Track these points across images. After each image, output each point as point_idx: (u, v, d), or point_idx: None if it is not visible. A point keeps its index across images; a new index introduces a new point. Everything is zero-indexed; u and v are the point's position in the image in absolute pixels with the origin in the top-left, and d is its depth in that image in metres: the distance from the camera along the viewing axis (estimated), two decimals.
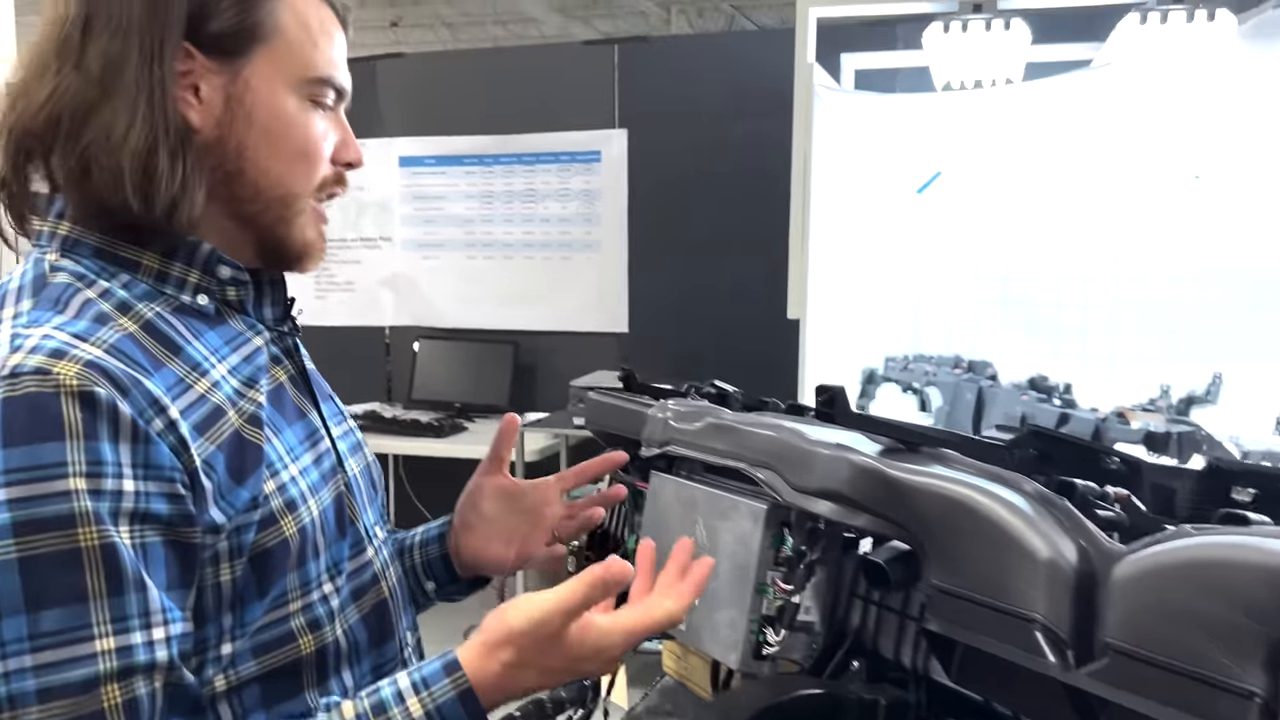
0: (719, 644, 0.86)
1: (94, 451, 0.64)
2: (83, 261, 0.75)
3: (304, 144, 0.80)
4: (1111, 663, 0.59)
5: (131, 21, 0.73)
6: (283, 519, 0.75)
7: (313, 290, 4.51)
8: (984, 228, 2.88)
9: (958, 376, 3.06)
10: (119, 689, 0.62)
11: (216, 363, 0.76)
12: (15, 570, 0.60)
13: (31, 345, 0.66)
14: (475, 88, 4.34)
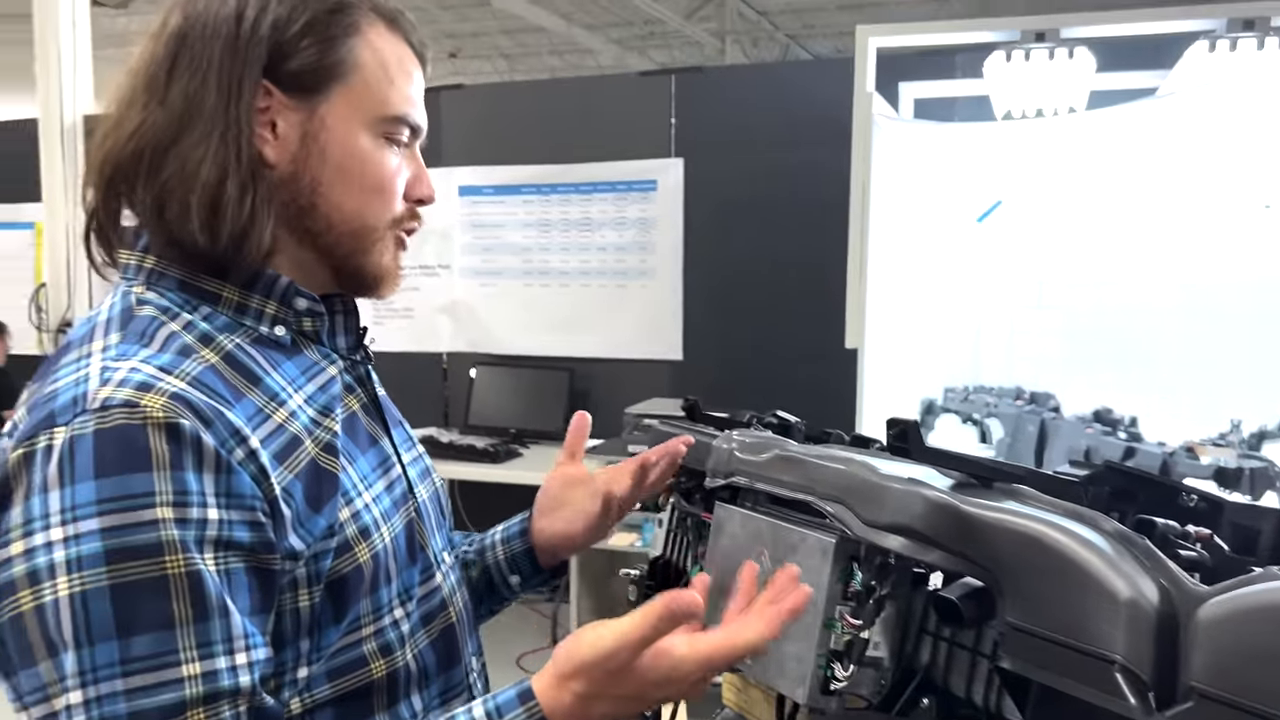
0: (786, 678, 0.85)
1: (180, 481, 0.65)
2: (167, 294, 0.77)
3: (378, 180, 0.82)
4: (1196, 707, 0.58)
5: (213, 61, 0.76)
6: (357, 546, 0.77)
7: (372, 316, 4.56)
8: (1047, 257, 2.84)
9: (1019, 408, 3.02)
10: (204, 712, 0.63)
11: (293, 393, 0.78)
12: (108, 597, 0.62)
13: (120, 378, 0.68)
14: (534, 118, 4.40)
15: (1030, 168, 2.84)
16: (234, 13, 0.77)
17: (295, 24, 0.77)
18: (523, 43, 13.61)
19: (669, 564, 1.14)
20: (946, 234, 2.96)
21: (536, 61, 14.51)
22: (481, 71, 14.78)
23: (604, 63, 13.34)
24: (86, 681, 0.62)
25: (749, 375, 3.90)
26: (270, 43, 0.77)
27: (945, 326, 3.02)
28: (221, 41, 0.76)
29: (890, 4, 11.30)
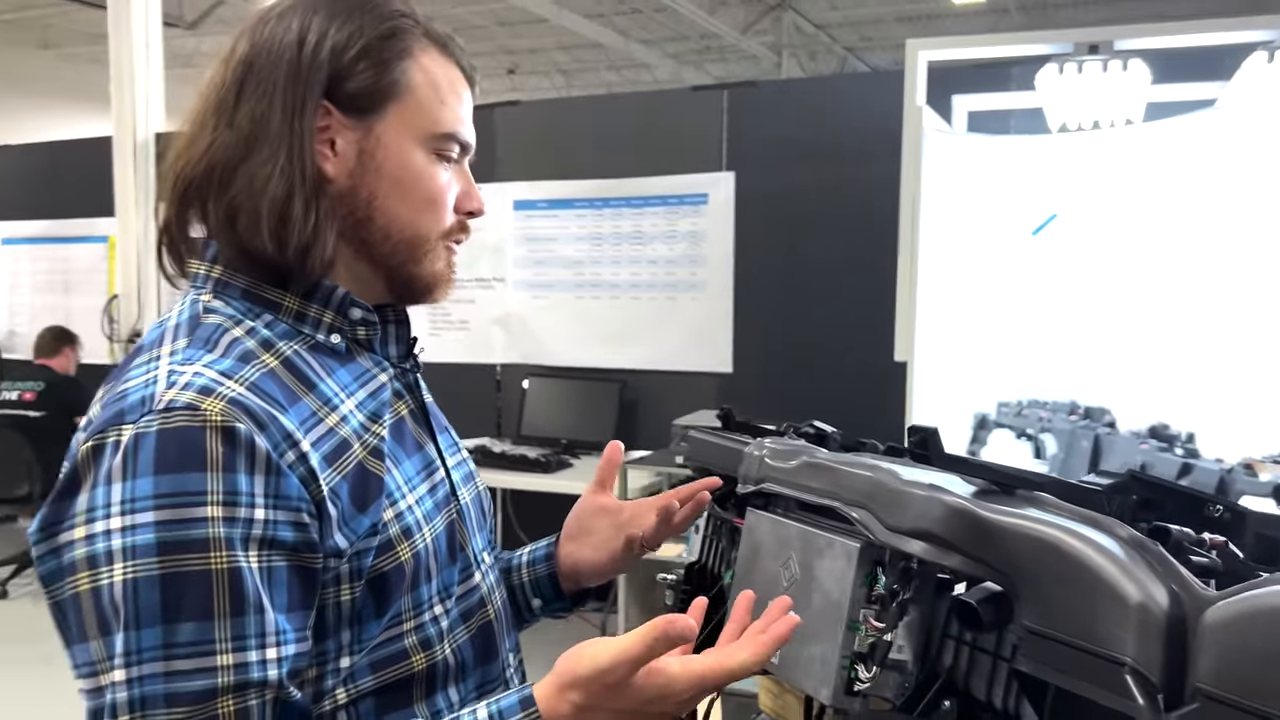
0: (811, 679, 0.87)
1: (231, 482, 0.70)
2: (232, 303, 0.82)
3: (430, 194, 0.86)
4: (1202, 708, 0.59)
5: (277, 85, 0.81)
6: (399, 545, 0.81)
7: (428, 328, 4.68)
8: (1103, 271, 2.81)
9: (1073, 423, 2.99)
10: (233, 700, 0.67)
11: (345, 398, 0.83)
12: (157, 586, 0.67)
13: (184, 382, 0.73)
14: (587, 133, 4.47)
15: (1086, 180, 2.81)
16: (296, 39, 0.82)
17: (352, 49, 0.82)
18: (580, 58, 13.77)
19: (705, 569, 1.17)
20: (1000, 247, 2.94)
21: (593, 77, 14.66)
22: (539, 87, 14.97)
23: (660, 77, 13.43)
24: (131, 661, 0.66)
25: (798, 387, 3.91)
26: (330, 67, 0.82)
27: (999, 340, 3.00)
28: (285, 66, 0.81)
29: (949, 16, 11.23)
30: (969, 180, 2.98)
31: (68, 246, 6.19)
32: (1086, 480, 0.87)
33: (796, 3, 11.21)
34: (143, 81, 4.78)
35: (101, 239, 6.05)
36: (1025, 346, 2.99)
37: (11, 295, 6.51)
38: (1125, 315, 2.83)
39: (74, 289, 6.19)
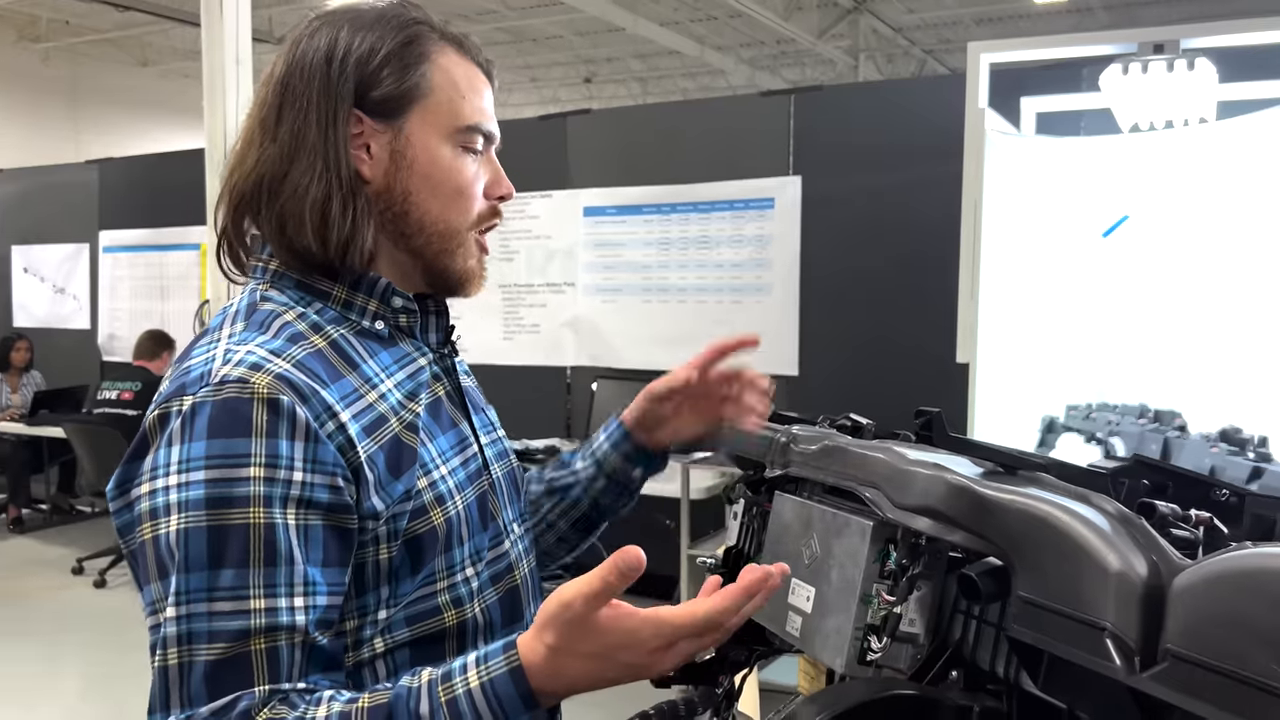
0: (827, 649, 0.92)
1: (273, 447, 0.78)
2: (286, 292, 0.92)
3: (459, 184, 0.94)
4: (1170, 667, 0.63)
5: (311, 100, 0.90)
6: (432, 510, 0.88)
7: (502, 332, 4.80)
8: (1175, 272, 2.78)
9: (1142, 426, 2.95)
10: (264, 640, 0.75)
11: (385, 378, 0.91)
12: (205, 535, 0.76)
13: (238, 359, 0.82)
14: (656, 140, 4.54)
15: (1157, 181, 2.78)
16: (324, 57, 0.91)
17: (375, 59, 0.90)
18: (655, 66, 13.88)
19: (741, 552, 1.22)
20: (1069, 249, 2.92)
21: (669, 84, 14.76)
22: (616, 95, 15.13)
23: (735, 83, 13.47)
24: (181, 600, 0.75)
25: (864, 389, 3.92)
26: (355, 79, 0.90)
27: (1068, 343, 2.98)
28: (316, 83, 0.90)
29: (1028, 16, 11.04)
30: (1035, 182, 2.97)
31: (163, 254, 6.50)
32: (1093, 465, 0.91)
33: (873, 6, 11.14)
34: (233, 95, 4.99)
35: (194, 246, 6.33)
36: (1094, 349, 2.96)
37: (111, 300, 6.85)
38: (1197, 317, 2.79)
39: (169, 294, 6.49)
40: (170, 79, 13.72)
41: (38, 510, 6.64)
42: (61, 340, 7.05)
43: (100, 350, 6.90)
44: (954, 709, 0.82)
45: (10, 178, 7.52)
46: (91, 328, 6.95)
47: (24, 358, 6.74)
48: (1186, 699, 0.62)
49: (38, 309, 7.26)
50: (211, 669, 0.74)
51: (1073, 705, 0.77)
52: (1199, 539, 0.72)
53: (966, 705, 0.82)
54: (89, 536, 6.12)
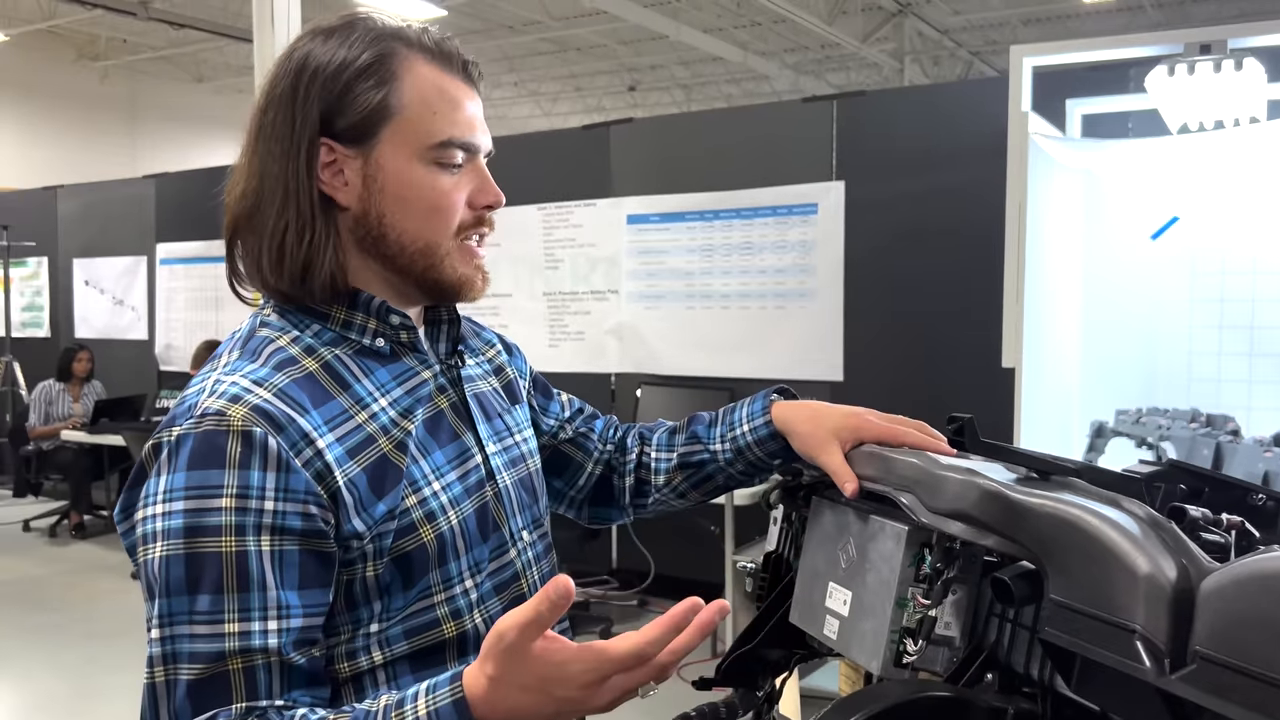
0: (864, 652, 0.94)
1: (245, 479, 0.82)
2: (287, 315, 0.94)
3: (432, 203, 0.93)
4: (1199, 669, 0.64)
5: (277, 130, 0.92)
6: (422, 527, 0.90)
7: (547, 339, 4.85)
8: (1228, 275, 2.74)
9: (1194, 431, 2.91)
10: (240, 661, 0.79)
11: (380, 396, 0.93)
12: (183, 562, 0.80)
13: (220, 391, 0.86)
14: (699, 147, 4.57)
15: (1207, 182, 2.75)
16: (291, 85, 0.91)
17: (340, 82, 0.90)
18: (699, 73, 13.91)
19: (780, 558, 1.24)
20: (1117, 251, 2.89)
21: (713, 90, 14.78)
22: (660, 103, 15.18)
23: (780, 88, 13.45)
24: (165, 623, 0.80)
25: (909, 394, 3.90)
26: (321, 107, 0.90)
27: (1117, 347, 2.95)
28: (284, 115, 0.91)
29: (1078, 16, 10.90)
30: (1082, 185, 2.94)
31: (217, 265, 6.61)
32: (1128, 469, 0.91)
33: (918, 9, 11.07)
34: None
35: None
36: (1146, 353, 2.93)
37: (168, 311, 7.02)
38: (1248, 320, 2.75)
39: (223, 305, 6.64)
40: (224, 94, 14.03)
41: (98, 516, 6.82)
42: (120, 351, 7.25)
43: (157, 360, 7.07)
44: (988, 711, 0.83)
45: (71, 194, 7.74)
46: (149, 338, 7.13)
47: (85, 368, 6.93)
48: (1215, 700, 0.63)
49: (97, 320, 7.47)
50: (193, 687, 0.79)
51: (1106, 708, 0.78)
52: (1230, 543, 0.72)
53: (1001, 707, 0.83)
54: None
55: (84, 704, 3.95)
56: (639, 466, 1.20)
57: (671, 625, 0.72)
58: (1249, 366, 2.79)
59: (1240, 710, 0.61)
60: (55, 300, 7.82)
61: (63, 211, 7.72)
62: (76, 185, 7.84)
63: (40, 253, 7.77)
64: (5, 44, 11.09)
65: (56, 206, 7.75)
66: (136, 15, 10.29)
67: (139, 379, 7.03)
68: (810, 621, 1.05)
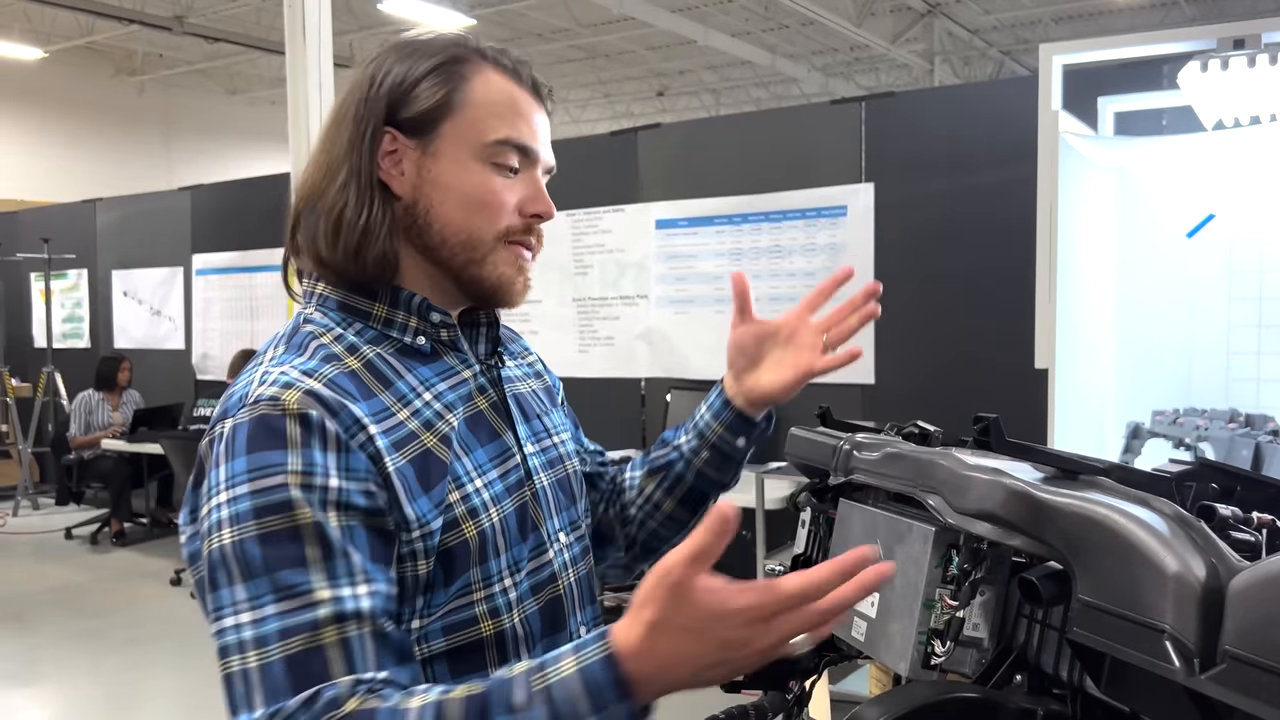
0: (891, 653, 0.94)
1: (308, 457, 0.82)
2: (329, 314, 0.96)
3: (480, 197, 0.95)
4: (1229, 668, 0.64)
5: (346, 118, 0.95)
6: (465, 523, 0.91)
7: (576, 345, 4.87)
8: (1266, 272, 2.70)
9: (1232, 431, 2.87)
10: (335, 630, 0.78)
11: (423, 392, 0.94)
12: (258, 542, 0.80)
13: (271, 380, 0.87)
14: (727, 151, 4.56)
15: (1243, 178, 2.71)
16: (368, 79, 0.95)
17: (410, 78, 0.94)
18: (728, 77, 13.90)
19: (809, 560, 1.24)
20: (1153, 251, 2.86)
21: (741, 94, 14.76)
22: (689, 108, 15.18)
23: (809, 91, 13.41)
24: (248, 607, 0.79)
25: (942, 396, 3.87)
26: (389, 98, 0.94)
27: (1153, 347, 2.91)
28: (355, 102, 0.95)
29: (1110, 13, 10.78)
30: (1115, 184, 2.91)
31: (252, 275, 6.74)
32: (1157, 469, 0.91)
33: (948, 9, 11.00)
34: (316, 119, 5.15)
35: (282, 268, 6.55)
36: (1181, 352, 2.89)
37: (204, 321, 7.12)
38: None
39: (258, 314, 6.73)
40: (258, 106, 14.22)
41: (138, 524, 6.92)
42: (158, 360, 7.35)
43: (194, 369, 7.17)
44: (1017, 712, 0.83)
45: (110, 206, 7.87)
46: (186, 348, 7.24)
47: (128, 377, 7.05)
48: (1246, 700, 0.62)
49: (136, 330, 7.59)
50: (289, 664, 0.76)
51: (1136, 708, 0.77)
52: (1260, 541, 0.72)
53: (1030, 709, 0.83)
54: None
55: (124, 709, 4.00)
56: (618, 490, 1.20)
57: (839, 570, 0.69)
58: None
59: (1271, 710, 0.61)
60: (95, 311, 7.96)
61: (101, 224, 7.85)
62: (115, 198, 7.98)
63: (80, 265, 7.91)
64: (44, 60, 11.31)
65: (95, 219, 7.88)
66: (172, 30, 10.46)
67: (177, 388, 7.13)
68: (838, 624, 1.04)
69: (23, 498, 7.67)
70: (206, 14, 10.64)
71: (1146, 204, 2.86)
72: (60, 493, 7.31)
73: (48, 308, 7.78)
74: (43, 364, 7.61)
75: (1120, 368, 2.94)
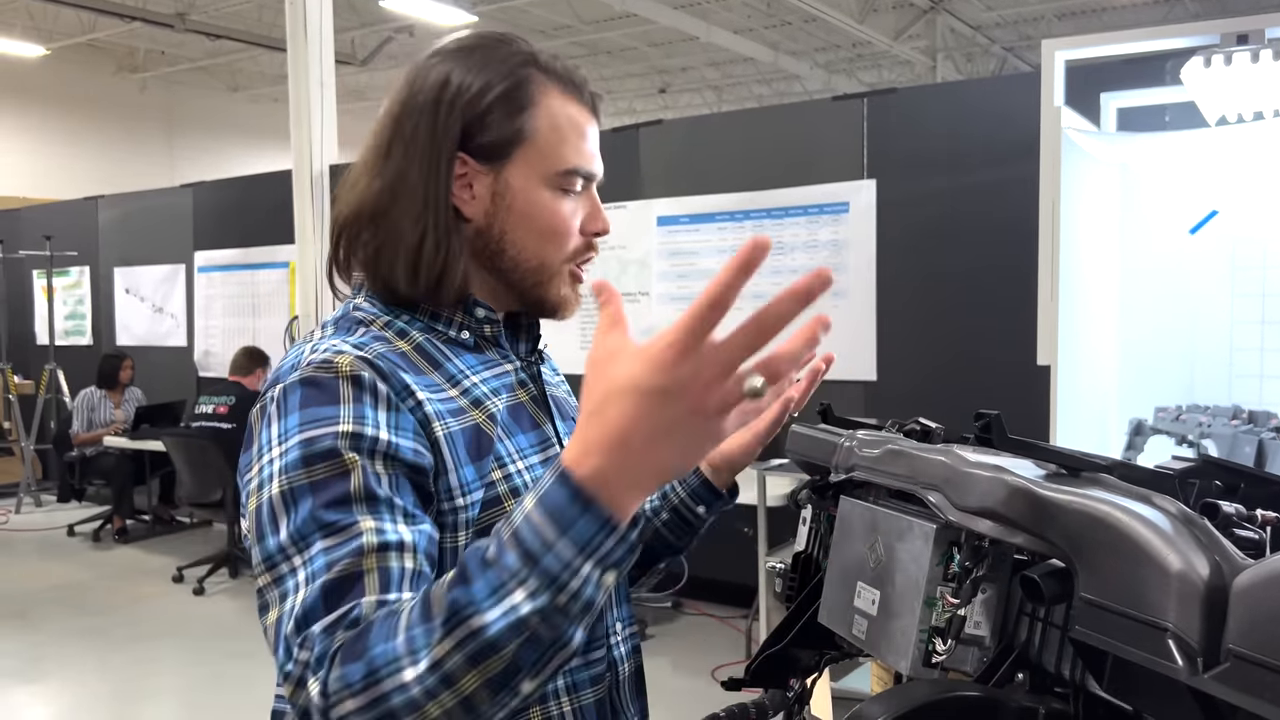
0: (892, 651, 0.93)
1: (359, 410, 0.84)
2: (377, 304, 0.98)
3: (553, 227, 0.98)
4: (1232, 667, 0.63)
5: (418, 141, 0.95)
6: (507, 502, 0.92)
7: (579, 342, 4.86)
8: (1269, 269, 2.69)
9: (1235, 428, 2.86)
10: (376, 559, 0.78)
11: (470, 375, 0.96)
12: (308, 490, 0.81)
13: (324, 348, 0.89)
14: (729, 148, 4.56)
15: (1247, 174, 2.70)
16: (434, 98, 0.94)
17: (482, 103, 0.94)
18: (730, 74, 13.88)
19: (810, 558, 1.23)
20: (1156, 247, 2.85)
21: (744, 91, 14.74)
22: (691, 104, 15.17)
23: (811, 88, 13.39)
24: (294, 551, 0.79)
25: (944, 393, 3.87)
26: (462, 123, 0.94)
27: (1156, 343, 2.91)
28: (424, 125, 0.94)
29: (1113, 9, 10.76)
30: (1118, 180, 2.90)
31: (254, 272, 6.74)
32: (1161, 465, 0.90)
33: (950, 5, 10.98)
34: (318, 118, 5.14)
35: (283, 265, 6.55)
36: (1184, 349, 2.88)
37: (206, 318, 7.13)
38: None
39: (260, 311, 6.73)
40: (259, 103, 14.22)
41: (140, 521, 6.93)
42: (160, 357, 7.36)
43: (196, 366, 7.18)
44: (1019, 711, 0.82)
45: (112, 203, 7.88)
46: (188, 345, 7.24)
47: (130, 375, 7.05)
48: (1250, 700, 0.62)
49: (138, 328, 7.59)
50: (324, 590, 0.76)
51: (1138, 707, 0.77)
52: (1265, 539, 0.71)
53: (1032, 708, 0.82)
54: (189, 546, 6.37)
55: (128, 706, 4.01)
56: None
57: (739, 264, 0.62)
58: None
59: (1275, 709, 0.60)
60: (97, 308, 7.96)
61: (104, 221, 7.86)
62: (117, 195, 7.98)
63: (82, 262, 7.92)
64: (46, 57, 11.30)
65: (98, 216, 7.89)
66: (174, 27, 10.46)
67: (178, 385, 7.14)
68: (839, 622, 1.04)
69: (25, 495, 7.68)
70: (208, 11, 10.64)
71: (1149, 200, 2.85)
72: (62, 490, 7.33)
73: (50, 305, 7.79)
74: (45, 361, 7.61)
75: (1123, 364, 2.94)
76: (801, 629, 1.18)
